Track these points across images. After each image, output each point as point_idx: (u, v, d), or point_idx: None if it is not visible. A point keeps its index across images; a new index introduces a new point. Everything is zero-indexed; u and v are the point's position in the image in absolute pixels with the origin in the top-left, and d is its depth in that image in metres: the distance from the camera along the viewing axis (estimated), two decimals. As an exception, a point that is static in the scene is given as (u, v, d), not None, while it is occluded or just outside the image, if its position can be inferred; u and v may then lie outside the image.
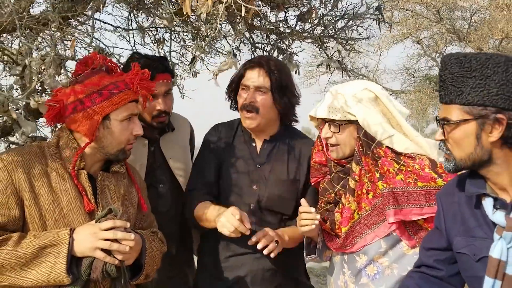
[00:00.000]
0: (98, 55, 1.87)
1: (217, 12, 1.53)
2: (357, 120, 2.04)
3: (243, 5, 1.39)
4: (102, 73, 1.84)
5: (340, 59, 3.27)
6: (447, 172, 1.94)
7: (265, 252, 2.13)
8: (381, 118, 2.03)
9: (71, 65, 2.76)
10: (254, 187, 2.37)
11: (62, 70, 1.88)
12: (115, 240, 1.66)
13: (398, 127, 2.06)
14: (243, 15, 1.39)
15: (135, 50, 2.95)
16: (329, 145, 2.13)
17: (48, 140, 1.96)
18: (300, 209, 2.05)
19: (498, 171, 1.55)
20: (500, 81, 1.48)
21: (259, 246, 2.12)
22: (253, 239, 2.15)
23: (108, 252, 1.66)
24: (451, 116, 1.55)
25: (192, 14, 2.18)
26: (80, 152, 1.78)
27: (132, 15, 2.98)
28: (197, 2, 1.71)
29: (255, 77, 2.35)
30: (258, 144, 2.46)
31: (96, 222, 1.70)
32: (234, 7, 1.57)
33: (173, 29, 3.12)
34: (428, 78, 13.40)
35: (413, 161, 2.00)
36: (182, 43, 3.33)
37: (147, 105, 2.24)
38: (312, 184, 2.34)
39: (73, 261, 1.65)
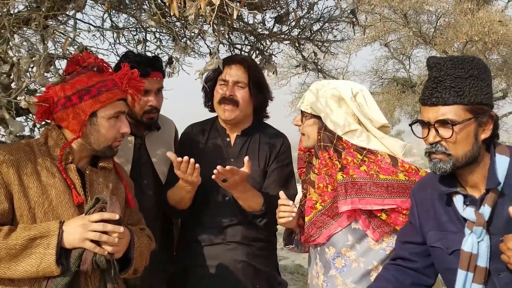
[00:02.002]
0: (89, 55, 1.91)
1: (206, 14, 1.59)
2: (319, 116, 2.18)
3: (235, 8, 1.46)
4: (92, 72, 1.89)
5: (315, 61, 3.37)
6: (409, 171, 2.06)
7: (213, 176, 2.20)
8: (343, 114, 2.15)
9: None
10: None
11: (52, 68, 1.92)
12: (105, 232, 1.71)
13: (362, 124, 2.18)
14: (235, 17, 1.45)
15: (111, 50, 2.99)
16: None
17: (35, 138, 1.99)
18: (279, 201, 2.16)
19: (475, 168, 1.66)
20: (485, 81, 1.61)
21: (214, 171, 2.18)
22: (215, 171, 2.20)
23: (97, 243, 1.71)
24: (453, 117, 1.61)
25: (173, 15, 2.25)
26: (66, 146, 1.82)
27: (108, 14, 3.01)
28: (184, 4, 1.77)
29: (234, 73, 2.50)
30: (232, 139, 2.58)
31: (85, 214, 1.75)
32: (225, 8, 1.64)
33: (151, 29, 3.17)
34: (396, 80, 13.71)
35: (375, 156, 2.09)
36: (158, 43, 3.38)
37: (136, 104, 2.30)
38: (300, 176, 2.45)
39: (63, 253, 1.69)
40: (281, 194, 2.21)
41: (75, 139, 1.82)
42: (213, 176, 2.21)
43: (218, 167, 2.19)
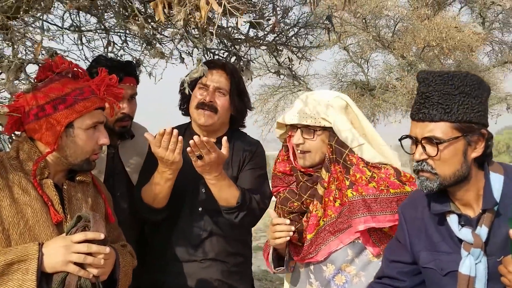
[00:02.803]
0: (63, 60, 1.78)
1: (197, 21, 1.50)
2: (330, 127, 2.07)
3: (239, 17, 1.38)
4: (67, 79, 1.76)
5: (290, 66, 3.32)
6: (411, 181, 2.02)
7: (188, 149, 2.06)
8: (350, 126, 2.08)
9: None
10: (202, 190, 2.36)
11: (22, 75, 1.77)
12: (89, 253, 1.58)
13: (364, 136, 2.12)
14: (239, 25, 1.37)
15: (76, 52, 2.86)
16: (298, 152, 2.13)
17: (5, 151, 1.83)
18: (274, 220, 2.04)
19: (467, 187, 1.62)
20: (477, 98, 1.56)
21: (190, 142, 2.04)
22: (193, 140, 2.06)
23: (81, 266, 1.57)
24: (439, 134, 1.56)
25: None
26: (40, 161, 1.69)
27: (69, 14, 2.85)
28: (170, 8, 1.68)
29: (216, 78, 2.38)
30: None
31: (67, 233, 1.61)
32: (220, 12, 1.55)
33: (116, 31, 3.03)
34: (355, 83, 13.90)
35: (379, 170, 2.04)
36: (124, 45, 3.25)
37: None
38: (274, 194, 2.34)
39: (43, 278, 1.54)
40: (271, 212, 2.11)
41: (49, 152, 1.69)
42: (188, 149, 2.06)
43: (195, 137, 2.05)
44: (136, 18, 2.23)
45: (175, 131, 2.06)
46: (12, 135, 1.87)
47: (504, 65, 13.75)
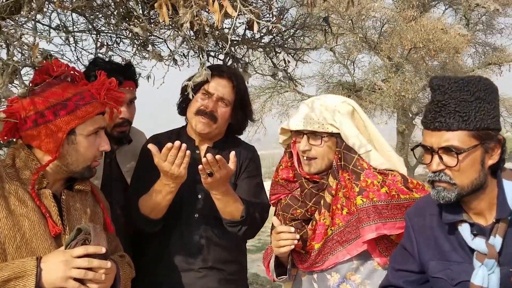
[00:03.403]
0: (60, 63, 1.70)
1: (203, 23, 1.43)
2: (337, 133, 2.01)
3: (256, 21, 1.31)
4: (66, 83, 1.68)
5: (286, 68, 3.27)
6: (417, 188, 1.98)
7: (199, 167, 2.01)
8: (358, 132, 2.03)
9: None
10: (199, 196, 2.30)
11: (17, 78, 1.68)
12: (89, 268, 1.50)
13: (370, 142, 2.06)
14: (255, 31, 1.31)
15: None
16: (304, 158, 2.06)
17: (0, 159, 1.74)
18: (278, 228, 1.98)
19: (482, 196, 1.56)
20: (491, 103, 1.51)
21: (203, 160, 1.99)
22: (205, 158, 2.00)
23: (81, 281, 1.50)
24: (458, 143, 1.50)
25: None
26: (40, 170, 1.61)
27: (57, 14, 2.77)
28: (174, 10, 1.61)
29: (222, 88, 2.31)
30: (202, 151, 2.40)
31: (66, 247, 1.53)
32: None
33: (107, 32, 2.95)
34: (341, 85, 13.91)
35: (386, 177, 1.99)
36: (115, 45, 3.17)
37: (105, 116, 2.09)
38: (272, 202, 2.28)
39: None
40: (274, 220, 2.05)
41: (51, 161, 1.61)
42: (199, 167, 2.00)
43: (208, 155, 1.99)
44: (135, 20, 2.16)
45: (184, 145, 1.99)
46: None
47: (487, 66, 13.91)
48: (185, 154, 2.00)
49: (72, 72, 1.72)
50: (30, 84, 1.67)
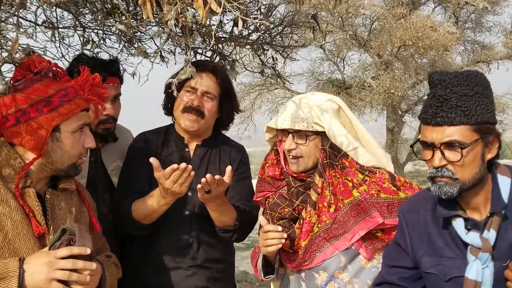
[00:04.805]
0: (41, 59, 1.66)
1: (188, 20, 1.42)
2: (323, 131, 2.00)
3: (240, 18, 1.30)
4: (48, 79, 1.64)
5: (274, 66, 3.26)
6: (405, 186, 1.98)
7: (198, 186, 2.02)
8: (344, 130, 2.02)
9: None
10: (189, 193, 2.28)
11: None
12: (74, 270, 1.48)
13: (357, 139, 2.06)
14: (240, 27, 1.30)
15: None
16: (290, 157, 2.05)
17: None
18: (266, 227, 1.97)
19: (478, 190, 1.57)
20: (489, 97, 1.52)
21: (202, 180, 2.01)
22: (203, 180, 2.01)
23: (65, 283, 1.47)
24: (460, 138, 1.50)
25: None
26: (25, 169, 1.58)
27: (42, 9, 2.73)
28: (158, 7, 1.59)
29: (205, 82, 2.31)
30: (191, 149, 2.40)
31: (50, 247, 1.50)
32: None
33: (93, 28, 2.93)
34: (331, 82, 13.92)
35: (373, 174, 2.00)
36: (101, 42, 3.14)
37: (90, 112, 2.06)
38: (257, 199, 2.27)
39: None
40: (262, 219, 2.03)
41: (36, 159, 1.58)
42: (198, 186, 2.01)
43: (207, 175, 2.00)
44: (118, 16, 2.13)
45: (189, 167, 1.98)
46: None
47: (476, 64, 13.98)
48: (189, 175, 1.99)
49: (54, 68, 1.69)
50: (11, 81, 1.64)
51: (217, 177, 2.00)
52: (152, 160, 2.01)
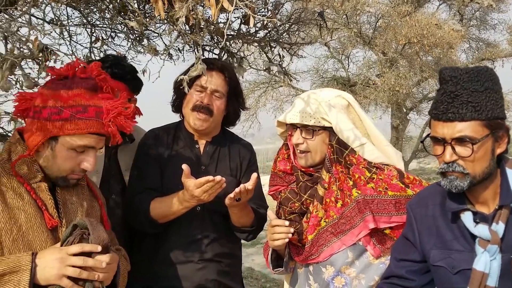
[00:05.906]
0: (90, 64, 1.67)
1: (199, 17, 1.44)
2: (330, 127, 2.02)
3: (251, 15, 1.32)
4: (80, 90, 1.62)
5: (280, 63, 3.28)
6: (414, 183, 2.00)
7: (231, 195, 2.09)
8: (352, 126, 2.04)
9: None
10: None
11: (17, 71, 1.69)
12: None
13: (366, 136, 2.08)
14: (251, 25, 1.32)
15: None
16: (298, 151, 2.09)
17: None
18: (273, 221, 2.01)
19: (487, 184, 1.59)
20: (498, 92, 1.54)
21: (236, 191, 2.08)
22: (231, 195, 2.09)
23: (75, 279, 1.49)
24: (471, 133, 1.51)
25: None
26: (15, 163, 1.60)
27: (51, 7, 2.76)
28: (170, 5, 1.61)
29: (214, 81, 2.35)
30: (201, 146, 2.43)
31: (62, 243, 1.53)
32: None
33: (102, 26, 2.95)
34: (336, 79, 13.91)
35: (381, 171, 2.01)
36: (109, 40, 3.16)
37: None
38: (270, 193, 2.31)
39: None
40: (270, 213, 2.07)
41: (25, 156, 1.60)
42: (230, 195, 2.08)
43: (242, 185, 2.07)
44: (130, 14, 2.16)
45: (223, 179, 2.03)
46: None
47: (481, 62, 13.93)
48: (220, 187, 2.05)
49: (97, 77, 1.66)
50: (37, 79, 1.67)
51: (249, 187, 2.07)
52: (184, 166, 2.04)
